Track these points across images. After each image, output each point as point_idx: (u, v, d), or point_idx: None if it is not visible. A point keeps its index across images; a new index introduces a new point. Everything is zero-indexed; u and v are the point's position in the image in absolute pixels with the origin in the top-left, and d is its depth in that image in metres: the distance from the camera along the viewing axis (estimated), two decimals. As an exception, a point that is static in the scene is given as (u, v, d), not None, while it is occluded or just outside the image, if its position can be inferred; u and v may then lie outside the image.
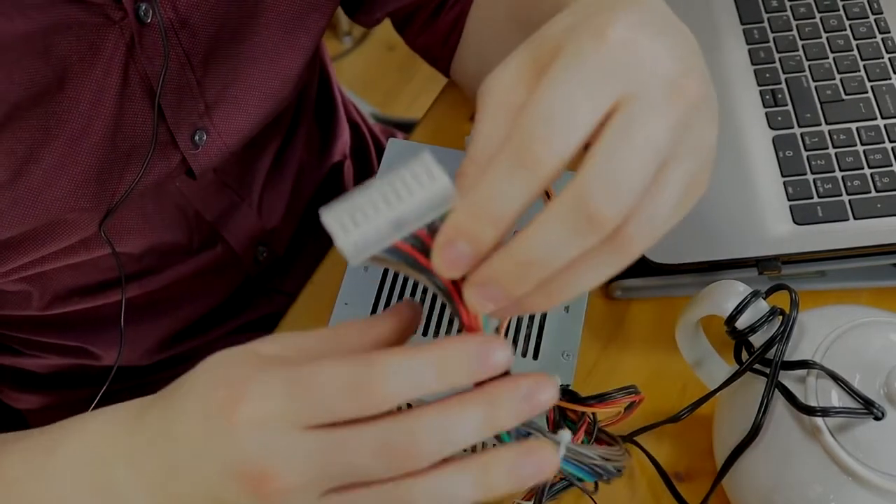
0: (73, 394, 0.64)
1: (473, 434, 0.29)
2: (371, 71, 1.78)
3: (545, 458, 0.29)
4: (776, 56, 0.61)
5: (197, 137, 0.53)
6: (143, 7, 0.45)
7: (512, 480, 0.29)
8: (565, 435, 0.33)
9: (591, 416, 0.39)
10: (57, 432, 0.37)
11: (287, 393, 0.29)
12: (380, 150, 0.81)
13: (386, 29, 0.67)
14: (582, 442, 0.38)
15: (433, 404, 0.29)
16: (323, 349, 0.31)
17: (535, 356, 0.45)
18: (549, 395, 0.29)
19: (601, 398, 0.38)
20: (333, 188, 0.74)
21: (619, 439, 0.39)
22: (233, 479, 0.29)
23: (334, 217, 0.29)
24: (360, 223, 0.29)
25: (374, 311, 0.47)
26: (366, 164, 0.79)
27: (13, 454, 0.37)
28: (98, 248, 0.53)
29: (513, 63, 0.30)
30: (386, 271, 0.48)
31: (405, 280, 0.47)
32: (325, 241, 0.66)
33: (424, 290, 0.47)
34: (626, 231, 0.28)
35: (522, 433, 0.32)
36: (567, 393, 0.39)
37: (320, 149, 0.73)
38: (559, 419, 0.39)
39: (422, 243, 0.29)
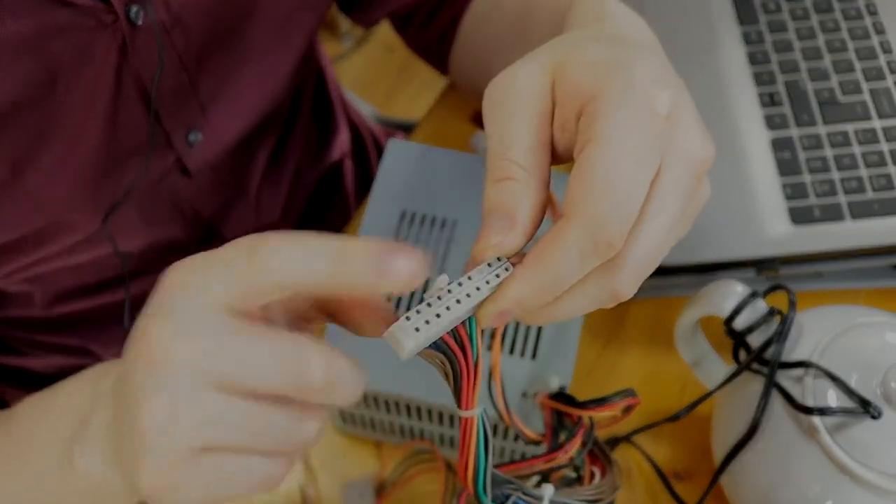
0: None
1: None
2: (371, 72, 1.79)
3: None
4: (773, 57, 0.61)
5: (191, 137, 0.54)
6: (134, 9, 0.45)
7: None
8: (547, 489, 0.34)
9: (589, 421, 0.39)
10: (62, 382, 0.38)
11: (201, 259, 0.29)
12: (380, 151, 0.81)
13: (386, 30, 0.68)
14: (577, 451, 0.38)
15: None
16: None
17: (533, 356, 0.45)
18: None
19: (598, 402, 0.38)
20: (333, 187, 0.74)
21: (614, 459, 0.39)
22: (138, 342, 0.28)
23: (404, 332, 0.29)
24: (421, 331, 0.29)
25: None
26: (366, 165, 0.80)
27: (22, 404, 0.39)
28: (99, 247, 0.54)
29: (533, 67, 0.32)
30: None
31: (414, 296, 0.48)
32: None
33: (423, 291, 0.48)
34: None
35: (505, 494, 0.33)
36: (564, 397, 0.39)
37: (318, 147, 0.73)
38: (556, 424, 0.39)
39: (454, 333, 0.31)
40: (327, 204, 0.74)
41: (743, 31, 0.63)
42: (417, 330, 0.29)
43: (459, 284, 0.30)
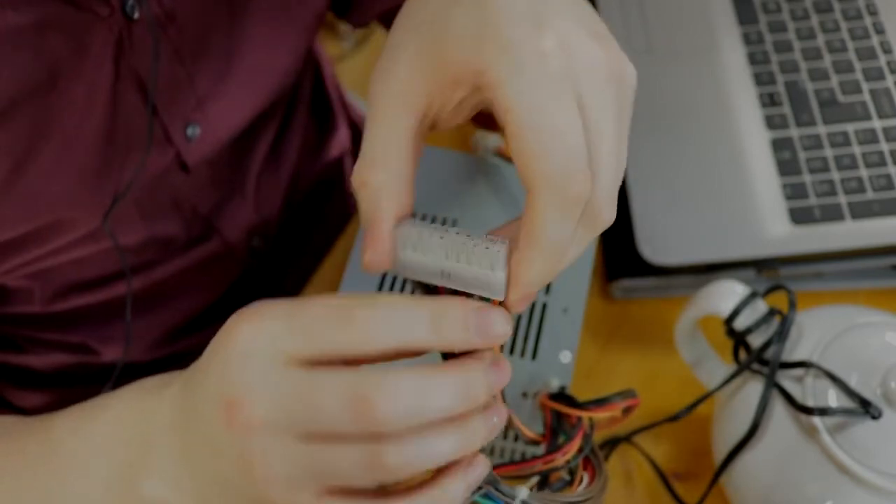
0: (74, 392, 0.64)
1: (447, 403, 0.29)
2: (371, 72, 1.78)
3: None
4: (773, 57, 0.61)
5: (190, 131, 0.54)
6: (130, 3, 0.45)
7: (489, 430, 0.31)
8: (521, 491, 0.35)
9: (589, 421, 0.39)
10: (101, 400, 0.38)
11: (283, 319, 0.30)
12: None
13: (386, 30, 0.68)
14: (575, 454, 0.38)
15: (409, 367, 0.29)
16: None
17: (534, 357, 0.45)
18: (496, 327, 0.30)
19: (599, 403, 0.38)
20: (333, 184, 0.75)
21: (605, 469, 0.39)
22: (217, 407, 0.30)
23: (407, 234, 0.32)
24: (419, 251, 0.32)
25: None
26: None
27: (63, 419, 0.39)
28: (100, 242, 0.54)
29: (401, 72, 0.32)
30: (383, 277, 0.48)
31: (403, 284, 0.48)
32: (326, 238, 0.66)
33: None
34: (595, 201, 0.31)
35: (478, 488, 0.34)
36: (564, 397, 0.39)
37: (316, 144, 0.73)
38: (556, 424, 0.39)
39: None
40: (327, 201, 0.74)
41: (743, 32, 0.63)
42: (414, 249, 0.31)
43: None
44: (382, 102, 0.32)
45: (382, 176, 0.32)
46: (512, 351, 0.46)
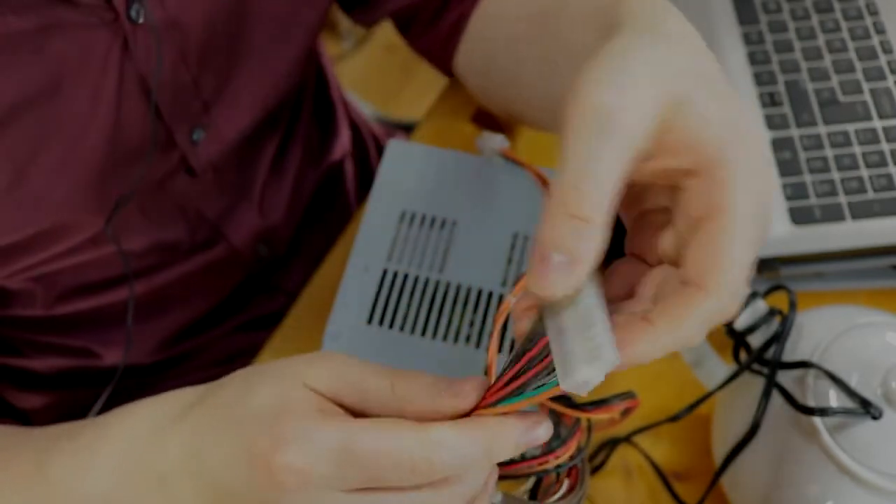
0: (75, 394, 0.64)
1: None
2: (372, 72, 1.79)
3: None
4: (774, 57, 0.61)
5: (195, 135, 0.54)
6: (135, 7, 0.45)
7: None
8: (496, 496, 0.36)
9: (587, 423, 0.38)
10: (100, 430, 0.37)
11: (338, 462, 0.30)
12: (381, 151, 0.81)
13: (386, 30, 0.68)
14: (570, 456, 0.38)
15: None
16: (382, 403, 0.32)
17: None
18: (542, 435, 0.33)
19: (597, 404, 0.37)
20: (334, 187, 0.75)
21: (587, 482, 0.39)
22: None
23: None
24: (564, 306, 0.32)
25: (371, 312, 0.47)
26: (366, 165, 0.80)
27: (56, 452, 0.38)
28: (103, 247, 0.54)
29: (645, 96, 0.30)
30: (383, 277, 0.48)
31: (403, 285, 0.48)
32: (326, 240, 0.66)
33: (430, 297, 0.48)
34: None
35: None
36: (562, 398, 0.39)
37: (319, 147, 0.73)
38: (554, 425, 0.39)
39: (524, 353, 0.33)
40: (328, 205, 0.74)
41: (743, 32, 0.63)
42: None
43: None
44: (619, 136, 0.29)
45: (602, 220, 0.30)
46: (511, 351, 0.45)
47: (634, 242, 0.36)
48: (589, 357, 0.29)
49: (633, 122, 0.29)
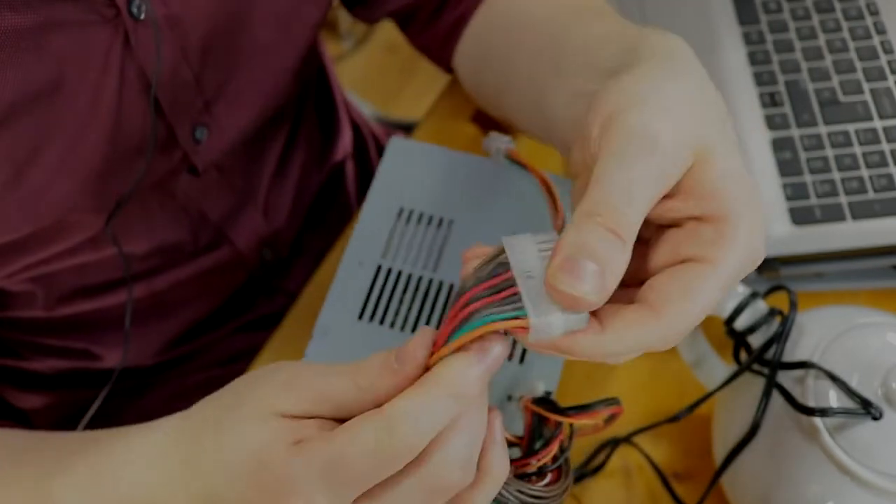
0: (75, 394, 0.64)
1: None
2: (372, 72, 1.79)
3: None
4: (774, 57, 0.61)
5: (198, 133, 0.53)
6: (136, 4, 0.45)
7: None
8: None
9: (569, 428, 0.38)
10: (104, 461, 0.38)
11: (331, 484, 0.30)
12: (381, 151, 0.81)
13: (387, 30, 0.68)
14: (546, 462, 0.38)
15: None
16: (354, 402, 0.32)
17: (521, 360, 0.45)
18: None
19: (581, 409, 0.37)
20: (335, 188, 0.74)
21: (570, 476, 0.39)
22: None
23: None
24: (536, 246, 0.32)
25: (363, 307, 0.47)
26: (367, 165, 0.80)
27: (62, 477, 0.39)
28: (104, 248, 0.54)
29: (686, 137, 0.31)
30: (377, 273, 0.48)
31: (396, 282, 0.48)
32: (327, 241, 0.66)
33: (422, 295, 0.48)
34: None
35: None
36: (546, 402, 0.39)
37: (322, 149, 0.73)
38: (536, 428, 0.39)
39: (486, 278, 0.32)
40: (329, 205, 0.74)
41: (743, 32, 0.63)
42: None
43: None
44: (660, 162, 0.30)
45: (632, 241, 0.30)
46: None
47: None
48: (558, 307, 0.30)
49: (673, 157, 0.30)
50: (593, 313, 0.31)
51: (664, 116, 0.31)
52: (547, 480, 0.38)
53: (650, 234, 0.34)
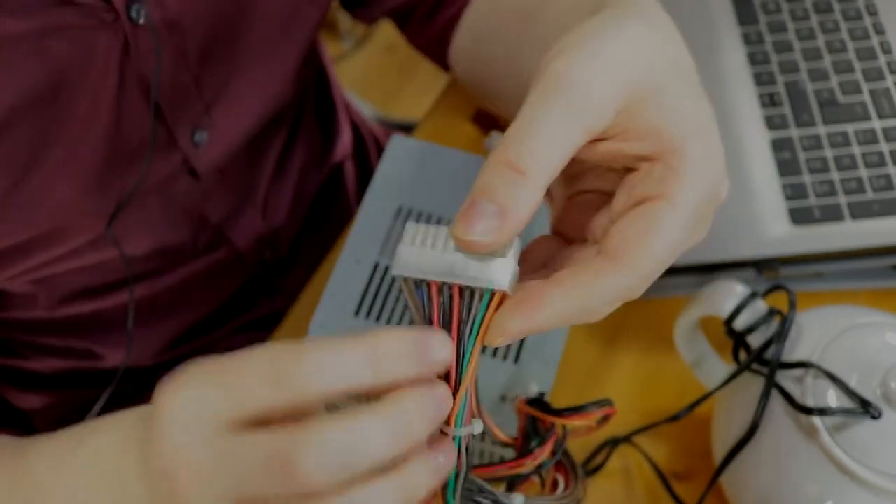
0: (76, 394, 0.64)
1: (381, 449, 0.27)
2: (372, 72, 1.79)
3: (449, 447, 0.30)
4: (773, 58, 0.61)
5: (197, 136, 0.53)
6: (135, 8, 0.45)
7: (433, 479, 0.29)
8: (517, 498, 0.34)
9: (562, 429, 0.38)
10: (77, 435, 0.37)
11: (214, 384, 0.28)
12: (381, 151, 0.81)
13: (386, 30, 0.68)
14: (546, 459, 0.38)
15: (336, 416, 0.28)
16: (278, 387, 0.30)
17: (516, 361, 0.45)
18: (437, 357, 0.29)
19: (574, 411, 0.37)
20: (335, 189, 0.75)
21: (580, 471, 0.38)
22: (158, 477, 0.29)
23: (414, 230, 0.30)
24: (425, 247, 0.30)
25: (360, 304, 0.47)
26: (366, 165, 0.80)
27: (39, 456, 0.38)
28: (105, 250, 0.54)
29: (611, 79, 0.30)
30: (374, 271, 0.48)
31: (393, 279, 0.48)
32: (326, 241, 0.66)
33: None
34: None
35: (477, 501, 0.33)
36: (539, 403, 0.39)
37: (321, 149, 0.73)
38: (530, 430, 0.39)
39: (448, 307, 0.31)
40: (329, 206, 0.74)
41: (743, 32, 0.63)
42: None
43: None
44: (579, 96, 0.29)
45: (540, 178, 0.29)
46: (495, 353, 0.45)
47: (563, 221, 0.35)
48: (492, 258, 0.29)
49: (595, 98, 0.29)
50: (556, 278, 0.30)
51: (591, 61, 0.30)
52: (561, 488, 0.38)
53: (613, 184, 0.33)
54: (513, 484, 0.38)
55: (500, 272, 0.29)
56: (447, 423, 0.30)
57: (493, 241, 0.28)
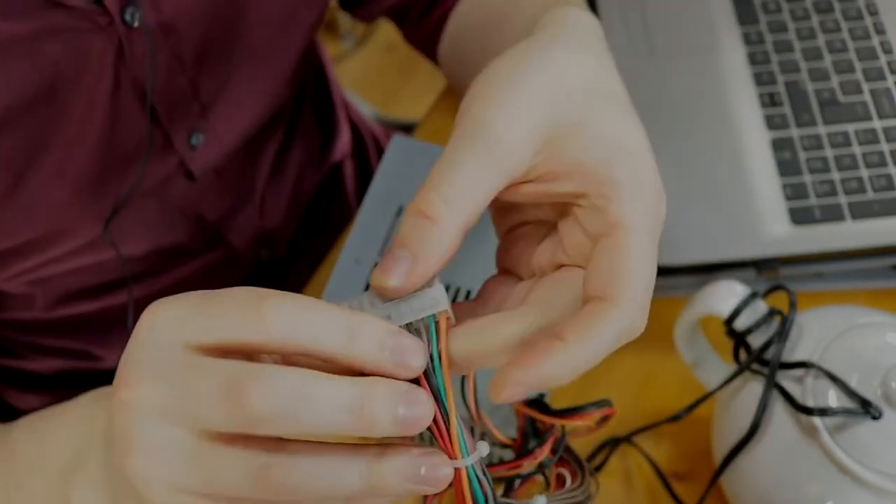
0: (75, 395, 0.64)
1: (333, 413, 0.27)
2: (371, 72, 1.79)
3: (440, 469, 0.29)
4: (774, 58, 0.61)
5: (194, 139, 0.53)
6: (129, 11, 0.45)
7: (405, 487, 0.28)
8: (539, 499, 0.34)
9: (560, 430, 0.38)
10: (61, 405, 0.38)
11: (192, 305, 0.28)
12: (380, 151, 0.81)
13: (386, 30, 0.68)
14: (546, 458, 0.37)
15: (300, 369, 0.27)
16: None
17: None
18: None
19: (572, 411, 0.37)
20: (334, 188, 0.74)
21: (586, 464, 0.38)
22: (114, 387, 0.28)
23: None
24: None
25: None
26: (366, 165, 0.80)
27: (21, 421, 0.39)
28: (102, 251, 0.53)
29: (523, 130, 0.30)
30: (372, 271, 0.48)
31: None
32: (325, 241, 0.66)
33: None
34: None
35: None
36: (538, 404, 0.39)
37: (320, 149, 0.73)
38: (529, 430, 0.39)
39: None
40: (328, 206, 0.74)
41: (743, 32, 0.63)
42: None
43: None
44: (491, 147, 0.30)
45: (451, 222, 0.29)
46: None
47: (506, 256, 0.35)
48: (421, 291, 0.30)
49: (509, 144, 0.30)
50: (557, 332, 0.30)
51: (507, 104, 0.30)
52: (569, 482, 0.38)
53: (549, 214, 0.33)
54: (511, 484, 0.38)
55: (433, 298, 0.30)
56: (453, 457, 0.30)
57: (408, 285, 0.29)
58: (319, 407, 0.26)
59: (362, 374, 0.28)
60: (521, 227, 0.35)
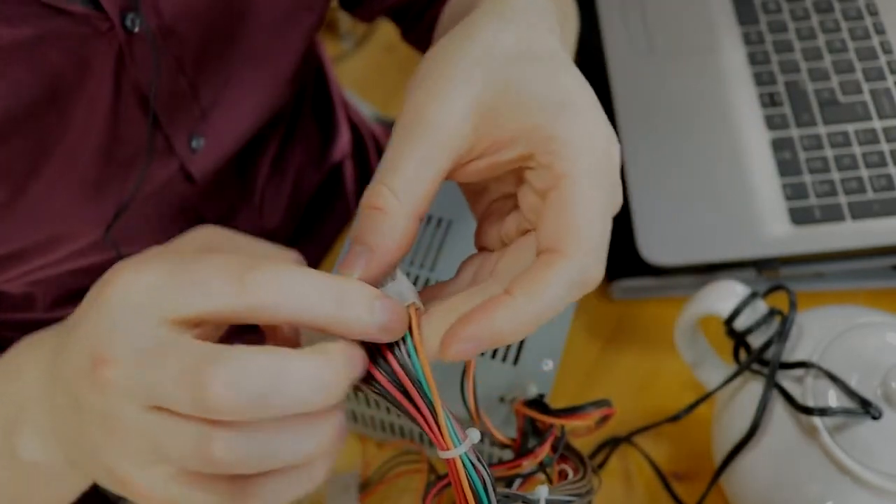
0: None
1: (299, 392, 0.26)
2: (371, 72, 1.78)
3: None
4: (774, 57, 0.61)
5: (194, 143, 0.53)
6: (130, 16, 0.45)
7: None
8: (542, 490, 0.34)
9: (560, 429, 0.38)
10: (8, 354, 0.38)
11: (168, 272, 0.27)
12: (380, 152, 0.81)
13: (386, 30, 0.68)
14: (546, 458, 0.37)
15: (265, 347, 0.26)
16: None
17: (515, 362, 0.45)
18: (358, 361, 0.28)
19: (572, 411, 0.37)
20: (334, 189, 0.74)
21: (587, 460, 0.38)
22: (83, 360, 0.28)
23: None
24: None
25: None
26: (366, 165, 0.80)
27: None
28: (103, 252, 0.54)
29: (454, 106, 0.31)
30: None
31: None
32: (325, 242, 0.66)
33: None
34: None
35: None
36: (538, 404, 0.39)
37: (320, 149, 0.73)
38: (528, 431, 0.39)
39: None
40: (328, 206, 0.74)
41: (743, 32, 0.63)
42: None
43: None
44: (428, 133, 0.30)
45: (401, 210, 0.30)
46: (494, 355, 0.45)
47: (483, 235, 0.36)
48: (383, 285, 0.30)
49: (445, 127, 0.30)
50: (507, 288, 0.30)
51: (437, 90, 0.31)
52: (571, 475, 0.38)
53: (515, 185, 0.33)
54: (511, 484, 0.38)
55: (397, 292, 0.30)
56: (445, 448, 0.30)
57: (368, 276, 0.29)
58: (285, 393, 0.26)
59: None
60: (492, 204, 0.36)
